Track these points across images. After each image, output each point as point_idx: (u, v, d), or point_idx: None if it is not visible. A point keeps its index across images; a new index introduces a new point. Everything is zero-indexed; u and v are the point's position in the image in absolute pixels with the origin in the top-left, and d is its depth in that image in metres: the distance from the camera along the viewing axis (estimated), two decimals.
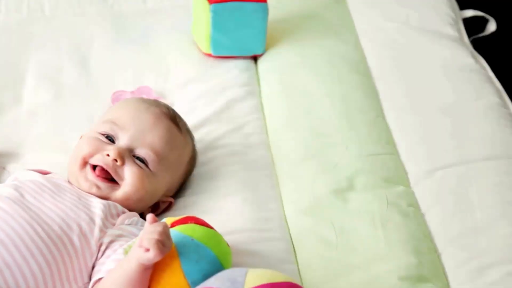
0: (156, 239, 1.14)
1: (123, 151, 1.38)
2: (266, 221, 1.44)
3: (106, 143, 1.40)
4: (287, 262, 1.36)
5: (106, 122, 1.42)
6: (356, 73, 1.78)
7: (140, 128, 1.41)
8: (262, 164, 1.57)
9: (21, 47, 1.88)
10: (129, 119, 1.42)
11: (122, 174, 1.38)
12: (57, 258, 1.25)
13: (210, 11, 1.77)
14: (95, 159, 1.38)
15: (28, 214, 1.28)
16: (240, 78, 1.79)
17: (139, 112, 1.43)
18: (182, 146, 1.46)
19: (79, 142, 1.45)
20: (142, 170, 1.38)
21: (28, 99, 1.74)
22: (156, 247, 1.14)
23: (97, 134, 1.41)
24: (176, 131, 1.45)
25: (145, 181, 1.38)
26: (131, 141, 1.40)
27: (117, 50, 1.87)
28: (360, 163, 1.53)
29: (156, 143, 1.40)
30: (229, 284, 1.13)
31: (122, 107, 1.47)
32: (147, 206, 1.42)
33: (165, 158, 1.41)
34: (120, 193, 1.37)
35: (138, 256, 1.16)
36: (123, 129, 1.41)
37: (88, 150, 1.39)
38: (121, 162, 1.37)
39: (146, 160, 1.39)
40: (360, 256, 1.35)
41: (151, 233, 1.16)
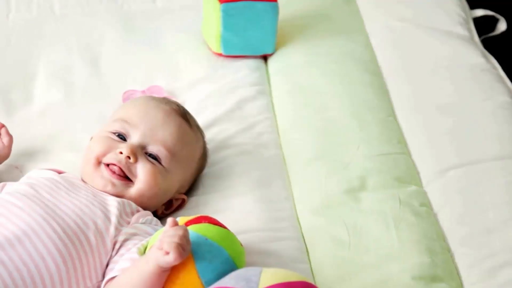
0: (177, 243, 1.14)
1: (135, 148, 1.38)
2: (278, 221, 1.44)
3: (118, 141, 1.40)
4: (300, 262, 1.36)
5: (117, 121, 1.43)
6: (366, 73, 1.78)
7: (151, 125, 1.41)
8: (274, 163, 1.57)
9: (31, 46, 1.88)
10: (139, 116, 1.42)
11: (135, 171, 1.38)
12: (73, 255, 1.25)
13: (220, 11, 1.77)
14: (108, 157, 1.38)
15: (44, 210, 1.28)
16: (250, 77, 1.79)
17: (149, 109, 1.44)
18: (194, 142, 1.47)
19: (90, 142, 1.45)
20: (155, 166, 1.38)
21: (39, 98, 1.74)
22: (176, 251, 1.14)
23: (108, 133, 1.42)
24: (187, 127, 1.45)
25: (158, 178, 1.38)
26: (142, 138, 1.40)
27: (128, 50, 1.88)
28: (372, 162, 1.53)
29: (167, 139, 1.41)
30: (244, 283, 1.13)
31: (132, 105, 1.48)
32: (160, 203, 1.42)
33: (177, 154, 1.41)
34: (134, 190, 1.38)
35: (157, 259, 1.16)
36: (134, 127, 1.41)
37: (100, 149, 1.39)
38: (134, 159, 1.37)
39: (158, 157, 1.40)
40: (373, 256, 1.35)
41: (172, 236, 1.16)
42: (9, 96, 1.74)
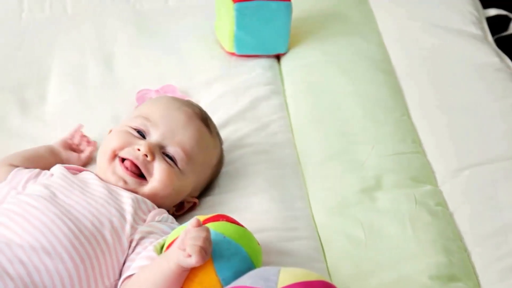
0: (200, 247, 1.14)
1: (153, 146, 1.38)
2: (294, 220, 1.44)
3: (137, 137, 1.40)
4: (316, 261, 1.36)
5: (138, 117, 1.43)
6: (380, 72, 1.78)
7: (172, 126, 1.41)
8: (288, 162, 1.57)
9: (44, 45, 1.88)
10: (161, 116, 1.42)
11: (151, 170, 1.38)
12: (91, 254, 1.25)
13: (234, 10, 1.77)
14: (125, 152, 1.38)
15: (60, 210, 1.29)
16: (264, 77, 1.79)
17: (172, 110, 1.44)
18: (211, 148, 1.47)
19: (109, 135, 1.45)
20: (171, 167, 1.38)
21: (52, 97, 1.75)
22: (199, 255, 1.14)
23: (128, 128, 1.42)
24: (206, 133, 1.45)
25: (173, 179, 1.38)
26: (162, 138, 1.40)
27: (141, 49, 1.88)
28: (387, 162, 1.53)
29: (186, 142, 1.41)
30: (262, 282, 1.12)
31: (154, 104, 1.47)
32: (172, 204, 1.42)
33: (194, 158, 1.41)
34: (147, 188, 1.38)
35: (179, 259, 1.16)
36: (155, 126, 1.41)
37: (118, 143, 1.39)
38: (151, 157, 1.37)
39: (175, 158, 1.40)
40: (390, 255, 1.34)
41: (195, 238, 1.15)
42: (23, 95, 1.74)
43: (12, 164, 1.44)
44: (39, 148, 1.52)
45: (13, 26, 1.94)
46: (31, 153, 1.49)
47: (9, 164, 1.44)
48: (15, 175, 1.41)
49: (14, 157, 1.47)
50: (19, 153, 1.49)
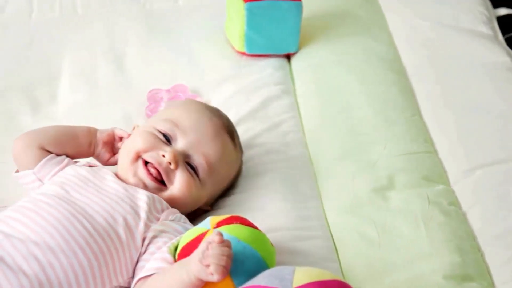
0: (224, 267, 1.14)
1: (178, 155, 1.37)
2: (307, 220, 1.43)
3: (163, 142, 1.39)
4: (329, 261, 1.36)
5: (167, 121, 1.41)
6: (391, 72, 1.78)
7: (200, 137, 1.40)
8: (300, 162, 1.57)
9: (55, 45, 1.88)
10: (191, 124, 1.41)
11: (172, 178, 1.37)
12: (104, 251, 1.25)
13: (245, 10, 1.77)
14: (149, 155, 1.37)
15: (73, 208, 1.29)
16: (274, 76, 1.79)
17: (202, 120, 1.42)
18: (233, 162, 1.47)
19: (133, 134, 1.44)
20: (192, 178, 1.38)
21: (63, 97, 1.75)
22: (222, 274, 1.14)
23: (155, 130, 1.40)
24: (231, 147, 1.45)
25: (192, 189, 1.38)
26: (188, 147, 1.39)
27: (151, 48, 1.88)
28: (399, 161, 1.53)
29: (211, 155, 1.40)
30: (277, 282, 1.12)
31: (185, 110, 1.45)
32: (186, 211, 1.41)
33: (215, 171, 1.41)
34: (166, 195, 1.37)
35: (200, 274, 1.15)
36: (183, 133, 1.40)
37: (143, 145, 1.38)
38: (175, 166, 1.36)
39: (198, 169, 1.39)
40: (403, 255, 1.34)
41: (219, 258, 1.14)
42: (34, 94, 1.75)
43: (43, 147, 1.42)
44: (77, 129, 1.47)
45: (23, 26, 1.94)
46: (66, 133, 1.45)
47: (39, 146, 1.41)
48: (44, 165, 1.40)
49: (47, 138, 1.43)
50: (53, 131, 1.44)
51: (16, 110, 1.70)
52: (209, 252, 1.15)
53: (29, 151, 1.42)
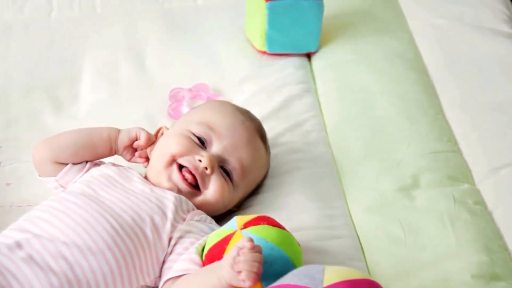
0: (256, 273, 1.14)
1: (215, 160, 1.37)
2: (332, 219, 1.43)
3: (198, 146, 1.38)
4: (355, 260, 1.35)
5: (202, 124, 1.40)
6: (412, 70, 1.77)
7: (235, 142, 1.40)
8: (324, 161, 1.56)
9: (75, 44, 1.89)
10: (226, 129, 1.40)
11: (207, 183, 1.37)
12: (131, 250, 1.25)
13: (266, 9, 1.77)
14: (185, 160, 1.37)
15: (101, 207, 1.29)
16: (295, 75, 1.79)
17: (237, 124, 1.42)
18: (264, 166, 1.47)
19: (167, 136, 1.43)
20: (226, 183, 1.38)
21: (85, 96, 1.75)
22: (253, 281, 1.13)
23: (190, 133, 1.40)
24: (263, 151, 1.45)
25: (225, 194, 1.38)
26: (223, 151, 1.39)
27: (171, 48, 1.88)
28: (424, 161, 1.52)
29: (245, 160, 1.40)
30: (307, 280, 1.12)
31: (219, 113, 1.44)
32: (216, 214, 1.41)
33: (248, 175, 1.41)
34: (199, 199, 1.37)
35: (231, 280, 1.15)
36: (219, 138, 1.39)
37: (179, 149, 1.37)
38: (211, 171, 1.36)
39: (232, 174, 1.39)
40: (431, 254, 1.34)
41: (251, 265, 1.14)
42: (56, 94, 1.75)
43: (59, 162, 1.41)
44: (96, 136, 1.44)
45: (42, 25, 1.94)
46: (83, 143, 1.42)
47: (56, 161, 1.41)
48: (65, 174, 1.41)
49: (63, 152, 1.41)
50: (69, 143, 1.42)
51: (39, 109, 1.70)
52: (241, 258, 1.15)
53: (47, 165, 1.42)
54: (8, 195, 1.50)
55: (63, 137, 1.45)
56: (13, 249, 1.22)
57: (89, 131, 1.46)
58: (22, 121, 1.67)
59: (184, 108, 1.70)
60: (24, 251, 1.21)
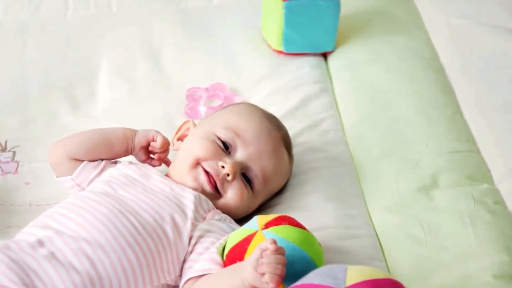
0: (279, 276, 1.14)
1: (237, 167, 1.37)
2: (351, 218, 1.43)
3: (222, 150, 1.39)
4: (375, 260, 1.35)
5: (228, 129, 1.40)
6: (429, 70, 1.77)
7: (260, 150, 1.40)
8: (342, 161, 1.56)
9: (91, 44, 1.89)
10: (252, 136, 1.40)
11: (227, 188, 1.37)
12: (152, 249, 1.26)
13: (283, 8, 1.76)
14: (208, 165, 1.37)
15: (122, 206, 1.29)
16: (312, 75, 1.79)
17: (263, 133, 1.41)
18: (286, 176, 1.48)
19: (194, 138, 1.42)
20: (246, 190, 1.38)
21: (102, 95, 1.75)
22: (276, 282, 1.13)
23: (216, 137, 1.40)
24: (287, 161, 1.45)
25: (244, 200, 1.39)
26: (247, 159, 1.39)
27: (188, 47, 1.88)
28: (442, 160, 1.52)
29: (268, 169, 1.40)
30: (330, 280, 1.12)
31: (247, 119, 1.43)
32: (236, 218, 1.41)
33: (269, 183, 1.42)
34: (220, 203, 1.38)
35: (254, 282, 1.15)
36: (244, 144, 1.39)
37: (204, 153, 1.38)
38: (232, 178, 1.37)
39: (253, 182, 1.39)
40: (451, 254, 1.34)
41: (275, 267, 1.14)
42: (73, 93, 1.75)
43: (75, 158, 1.42)
44: (112, 136, 1.44)
45: (58, 24, 1.95)
46: (99, 142, 1.43)
47: (72, 158, 1.42)
48: (81, 172, 1.41)
49: (78, 149, 1.42)
50: (85, 142, 1.43)
51: (56, 109, 1.70)
52: (264, 260, 1.15)
53: (63, 163, 1.43)
54: (27, 194, 1.50)
55: (78, 136, 1.46)
56: (35, 247, 1.22)
57: (104, 130, 1.48)
58: (39, 121, 1.68)
59: (201, 107, 1.70)
60: (46, 249, 1.22)
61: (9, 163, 1.56)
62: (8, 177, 1.54)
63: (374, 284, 1.11)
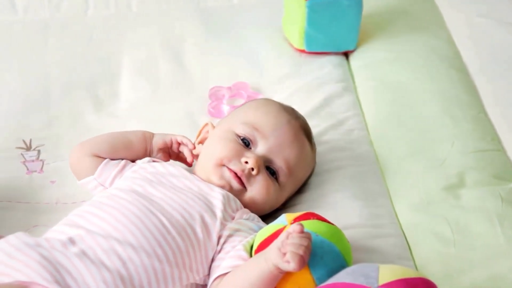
0: (301, 256, 1.14)
1: (260, 160, 1.37)
2: (378, 217, 1.43)
3: (243, 147, 1.39)
4: (404, 259, 1.35)
5: (247, 125, 1.40)
6: (452, 69, 1.76)
7: (280, 141, 1.40)
8: (367, 159, 1.56)
9: (113, 43, 1.89)
10: (271, 129, 1.40)
11: (252, 182, 1.37)
12: (182, 248, 1.25)
13: (306, 7, 1.76)
14: (233, 164, 1.37)
15: (151, 204, 1.29)
16: (334, 74, 1.79)
17: (282, 124, 1.42)
18: (310, 164, 1.47)
19: (214, 139, 1.43)
20: (272, 183, 1.38)
21: (125, 94, 1.75)
22: (299, 264, 1.13)
23: (234, 135, 1.40)
24: (309, 149, 1.45)
25: (271, 194, 1.38)
26: (269, 151, 1.39)
27: (209, 46, 1.88)
28: (468, 159, 1.52)
29: (291, 159, 1.40)
30: (363, 279, 1.12)
31: (263, 112, 1.44)
32: (263, 214, 1.41)
33: (294, 174, 1.41)
34: (246, 198, 1.38)
35: (277, 261, 1.15)
36: (264, 138, 1.39)
37: (226, 153, 1.38)
38: (257, 172, 1.37)
39: (278, 174, 1.39)
40: (480, 253, 1.33)
41: (297, 247, 1.14)
42: (96, 92, 1.75)
43: (97, 155, 1.43)
44: (131, 136, 1.47)
45: (79, 23, 1.95)
46: (120, 140, 1.46)
47: (94, 154, 1.43)
48: (102, 170, 1.42)
49: (100, 145, 1.44)
50: (106, 139, 1.45)
51: (80, 108, 1.70)
52: (288, 241, 1.15)
53: (84, 160, 1.43)
54: (53, 193, 1.51)
55: (99, 135, 1.48)
56: (66, 245, 1.22)
57: (123, 131, 1.50)
58: (63, 119, 1.68)
59: (224, 106, 1.70)
60: (77, 247, 1.22)
61: (34, 162, 1.56)
62: (34, 176, 1.54)
63: (407, 283, 1.11)
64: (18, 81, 1.76)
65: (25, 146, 1.59)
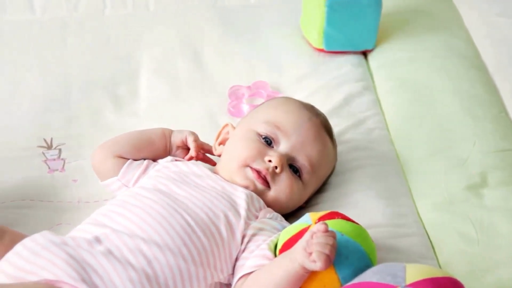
0: (327, 256, 1.14)
1: (284, 159, 1.37)
2: (401, 217, 1.43)
3: (265, 146, 1.39)
4: (428, 258, 1.35)
5: (268, 124, 1.41)
6: (472, 68, 1.76)
7: (303, 139, 1.40)
8: (388, 159, 1.56)
9: (131, 42, 1.89)
10: (293, 127, 1.40)
11: (276, 180, 1.37)
12: (207, 247, 1.25)
13: (325, 6, 1.76)
14: (257, 164, 1.37)
15: (176, 203, 1.29)
16: (354, 73, 1.79)
17: (303, 121, 1.42)
18: (332, 161, 1.47)
19: (235, 139, 1.43)
20: (295, 180, 1.38)
21: (145, 93, 1.75)
22: (324, 263, 1.13)
23: (256, 135, 1.40)
24: (331, 146, 1.45)
25: (295, 192, 1.39)
26: (291, 149, 1.39)
27: (228, 45, 1.88)
28: (490, 159, 1.51)
29: (314, 156, 1.40)
30: (390, 278, 1.11)
31: (284, 110, 1.44)
32: (286, 212, 1.41)
33: (317, 171, 1.41)
34: (270, 197, 1.38)
35: (303, 261, 1.16)
36: (286, 136, 1.40)
37: (249, 154, 1.38)
38: (280, 170, 1.37)
39: (301, 171, 1.39)
40: (505, 253, 1.33)
41: (323, 246, 1.14)
42: (115, 91, 1.75)
43: (120, 156, 1.43)
44: (151, 133, 1.48)
45: (97, 22, 1.95)
46: (142, 140, 1.47)
47: (116, 155, 1.43)
48: (126, 171, 1.42)
49: (122, 146, 1.45)
50: (127, 139, 1.46)
51: (99, 107, 1.71)
52: (313, 240, 1.15)
53: (107, 161, 1.44)
54: (75, 191, 1.51)
55: (120, 135, 1.48)
56: (92, 243, 1.22)
57: (143, 130, 1.50)
58: (83, 118, 1.68)
59: (244, 105, 1.70)
60: (103, 246, 1.22)
61: (55, 161, 1.56)
62: (56, 175, 1.54)
63: (435, 282, 1.10)
64: (38, 81, 1.77)
65: (46, 145, 1.60)
